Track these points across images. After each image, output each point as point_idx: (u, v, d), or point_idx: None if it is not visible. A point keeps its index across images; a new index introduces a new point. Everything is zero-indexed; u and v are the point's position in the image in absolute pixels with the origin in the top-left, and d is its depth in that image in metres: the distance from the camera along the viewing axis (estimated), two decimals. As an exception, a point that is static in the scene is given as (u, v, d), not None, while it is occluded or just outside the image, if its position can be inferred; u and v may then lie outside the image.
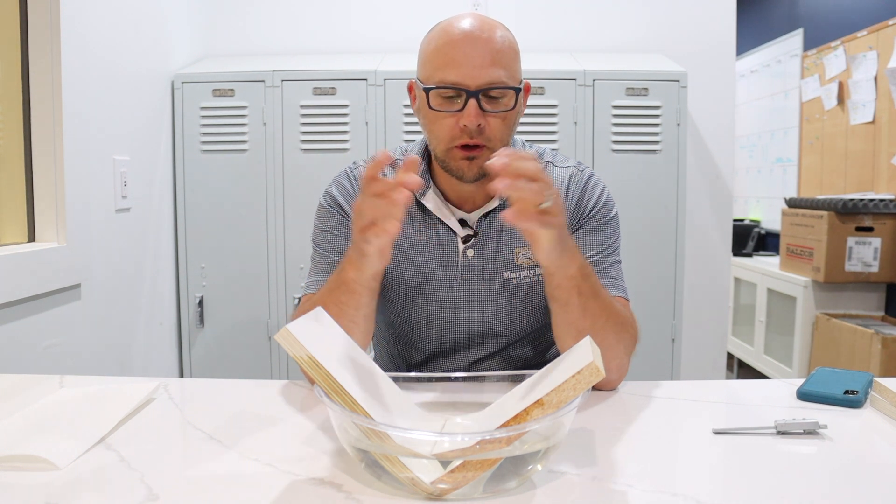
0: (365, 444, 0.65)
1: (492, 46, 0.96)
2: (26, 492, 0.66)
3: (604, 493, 0.65)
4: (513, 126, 1.01)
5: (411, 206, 1.09)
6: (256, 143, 2.12)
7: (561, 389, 0.64)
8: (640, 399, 0.95)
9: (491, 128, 0.97)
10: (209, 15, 2.39)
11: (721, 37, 2.39)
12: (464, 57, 0.95)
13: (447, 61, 0.96)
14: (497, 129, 0.98)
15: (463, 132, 0.97)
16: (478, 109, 0.96)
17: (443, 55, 0.97)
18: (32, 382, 1.01)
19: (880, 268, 2.83)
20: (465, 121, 0.96)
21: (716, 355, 2.44)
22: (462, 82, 0.95)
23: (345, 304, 0.94)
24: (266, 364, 2.17)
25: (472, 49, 0.95)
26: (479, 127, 0.96)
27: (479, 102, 0.96)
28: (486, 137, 0.97)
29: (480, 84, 0.95)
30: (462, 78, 0.95)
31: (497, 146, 0.98)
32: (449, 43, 0.97)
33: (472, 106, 0.95)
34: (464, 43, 0.96)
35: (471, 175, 1.00)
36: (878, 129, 3.04)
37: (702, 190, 2.40)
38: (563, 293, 0.92)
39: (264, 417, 0.88)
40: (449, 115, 0.98)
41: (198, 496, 0.65)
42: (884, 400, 0.87)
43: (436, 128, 1.00)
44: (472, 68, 0.95)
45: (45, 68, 1.51)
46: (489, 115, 0.97)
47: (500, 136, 0.99)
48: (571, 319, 0.94)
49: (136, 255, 1.93)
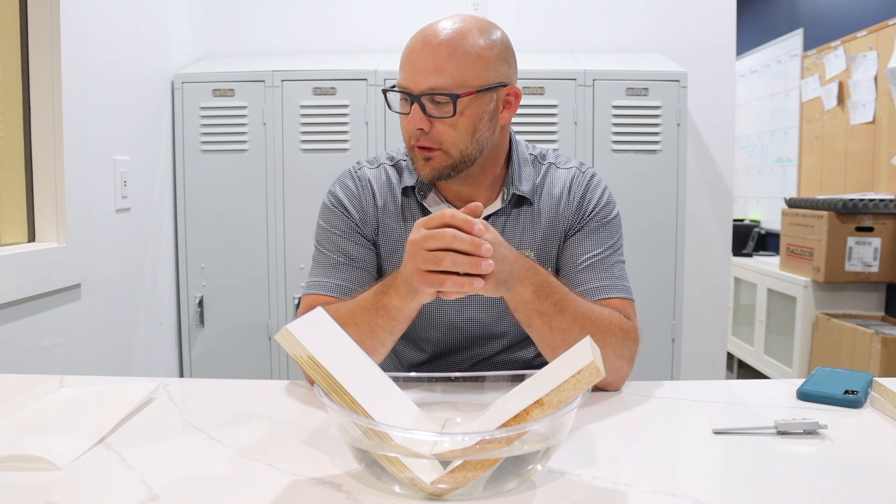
0: (365, 444, 0.65)
1: (440, 52, 0.96)
2: (26, 492, 0.66)
3: (604, 493, 0.65)
4: (470, 131, 0.99)
5: (413, 207, 1.09)
6: (256, 143, 2.12)
7: (561, 389, 0.64)
8: (640, 399, 0.95)
9: (438, 132, 0.99)
10: (209, 15, 2.39)
11: (721, 37, 2.39)
12: (413, 62, 0.98)
13: (403, 65, 1.00)
14: (445, 134, 0.99)
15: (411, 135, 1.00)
16: (420, 113, 0.98)
17: (402, 60, 1.01)
18: (32, 382, 1.01)
19: (880, 268, 2.83)
20: (409, 124, 0.99)
21: (716, 355, 2.44)
22: (407, 86, 0.99)
23: (380, 327, 0.93)
24: (266, 364, 2.17)
25: (419, 55, 0.98)
26: (420, 130, 0.98)
27: (423, 107, 0.98)
28: (435, 141, 0.99)
29: (422, 89, 0.97)
30: (407, 82, 0.98)
31: (452, 150, 1.00)
32: (408, 47, 1.00)
33: (414, 110, 0.98)
34: (417, 48, 0.98)
35: (426, 175, 1.02)
36: (878, 129, 3.04)
37: (702, 190, 2.40)
38: (522, 316, 0.94)
39: (264, 417, 0.88)
40: (405, 117, 1.01)
41: (198, 496, 0.65)
42: (884, 400, 0.87)
43: (401, 127, 1.04)
44: (416, 73, 0.97)
45: (45, 68, 1.51)
46: (435, 120, 0.98)
47: (451, 141, 0.99)
48: (540, 337, 0.95)
49: (136, 255, 1.93)
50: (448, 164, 1.00)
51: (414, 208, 1.09)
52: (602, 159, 2.10)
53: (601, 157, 2.10)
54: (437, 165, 1.00)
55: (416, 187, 1.08)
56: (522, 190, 1.07)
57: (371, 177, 1.11)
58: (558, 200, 1.09)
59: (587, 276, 1.05)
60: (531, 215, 1.08)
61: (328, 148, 2.11)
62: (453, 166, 1.01)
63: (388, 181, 1.11)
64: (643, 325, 1.08)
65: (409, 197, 1.10)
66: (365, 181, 1.11)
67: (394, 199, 1.10)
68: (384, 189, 1.10)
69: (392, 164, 1.12)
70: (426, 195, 1.08)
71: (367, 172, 1.12)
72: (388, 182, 1.11)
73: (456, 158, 1.00)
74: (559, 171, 1.12)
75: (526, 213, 1.09)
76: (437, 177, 1.01)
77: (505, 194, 1.07)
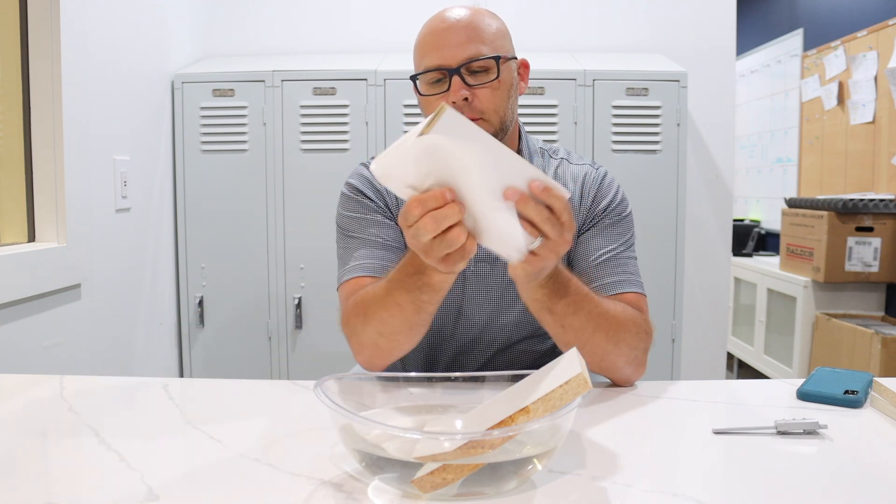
0: (365, 444, 0.65)
1: (468, 26, 1.00)
2: (26, 492, 0.66)
3: (604, 493, 0.65)
4: (506, 97, 1.02)
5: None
6: (256, 143, 2.12)
7: (548, 399, 0.63)
8: (641, 399, 0.95)
9: (480, 100, 1.00)
10: (209, 15, 2.40)
11: (721, 37, 2.39)
12: (442, 40, 1.00)
13: (428, 48, 1.01)
14: (487, 100, 1.00)
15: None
16: (462, 84, 0.99)
17: (424, 44, 1.02)
18: (32, 382, 1.01)
19: (880, 268, 2.83)
20: (452, 97, 0.99)
21: (716, 355, 2.44)
22: (443, 63, 1.00)
23: (425, 303, 0.90)
24: (266, 364, 2.17)
25: (449, 32, 1.00)
26: (466, 101, 0.99)
27: (463, 78, 0.99)
28: (477, 110, 1.00)
29: (460, 60, 0.99)
30: (442, 59, 1.00)
31: (493, 117, 1.01)
32: (429, 32, 1.02)
33: (455, 82, 0.99)
34: (442, 28, 1.01)
35: None
36: (878, 129, 3.04)
37: (702, 190, 2.40)
38: (534, 312, 0.94)
39: (264, 417, 0.88)
40: (439, 98, 1.01)
41: (198, 496, 0.65)
42: (884, 400, 0.87)
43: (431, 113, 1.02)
44: (450, 48, 0.99)
45: (45, 68, 1.51)
46: (476, 88, 1.00)
47: (492, 107, 1.01)
48: (553, 332, 0.96)
49: (136, 255, 1.93)
50: (491, 132, 1.01)
51: None
52: (602, 159, 2.10)
53: (601, 157, 2.10)
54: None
55: None
56: None
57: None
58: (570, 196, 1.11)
59: (601, 272, 1.06)
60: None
61: (328, 148, 2.11)
62: (494, 135, 1.01)
63: None
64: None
65: None
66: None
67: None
68: None
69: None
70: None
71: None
72: None
73: (496, 125, 1.02)
74: (571, 166, 1.13)
75: None
76: None
77: None
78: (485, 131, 0.70)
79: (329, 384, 0.72)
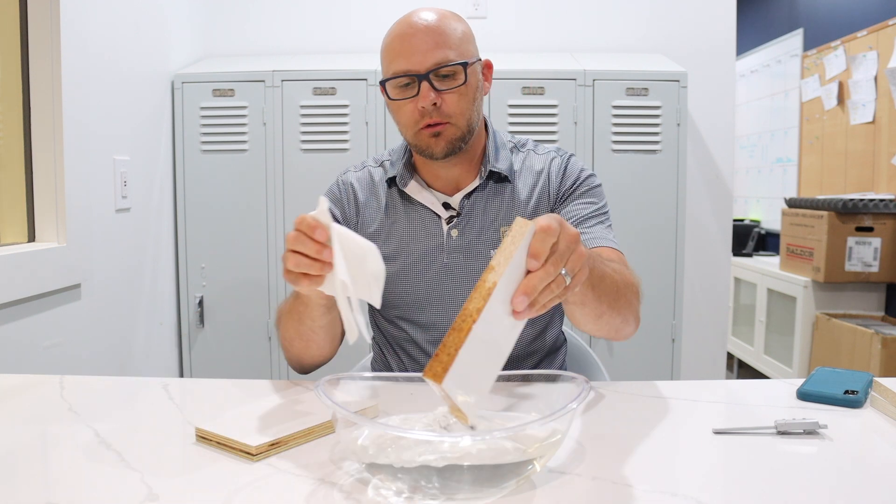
0: (365, 444, 0.65)
1: (434, 31, 1.03)
2: (26, 492, 0.66)
3: (604, 493, 0.65)
4: (472, 100, 1.06)
5: (395, 197, 1.15)
6: (256, 143, 2.12)
7: (501, 249, 0.66)
8: (640, 399, 0.95)
9: (448, 104, 1.04)
10: (209, 15, 2.40)
11: (721, 37, 2.39)
12: (410, 46, 1.03)
13: (396, 53, 1.04)
14: (454, 105, 1.04)
15: (422, 114, 1.04)
16: (430, 90, 1.02)
17: (392, 49, 1.05)
18: (32, 382, 1.01)
19: (880, 268, 2.83)
20: (421, 102, 1.02)
21: (716, 355, 2.44)
22: (411, 69, 1.03)
23: (302, 314, 0.98)
24: (266, 364, 2.17)
25: (416, 38, 1.03)
26: (434, 106, 1.03)
27: (431, 83, 1.02)
28: (445, 114, 1.04)
29: (428, 66, 1.02)
30: (411, 65, 1.02)
31: (459, 121, 1.05)
32: (396, 36, 1.05)
33: (424, 88, 1.02)
34: (409, 33, 1.03)
35: (440, 150, 1.06)
36: (878, 129, 3.04)
37: (702, 190, 2.40)
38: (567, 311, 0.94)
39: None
40: (407, 102, 1.05)
41: (198, 496, 0.65)
42: (884, 400, 0.87)
43: (400, 116, 1.07)
44: (419, 54, 1.02)
45: (45, 68, 1.51)
46: (444, 93, 1.03)
47: (459, 111, 1.05)
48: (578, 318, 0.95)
49: (136, 255, 1.93)
50: (458, 135, 1.05)
51: (396, 198, 1.15)
52: (602, 159, 2.10)
53: (601, 157, 2.10)
54: (449, 137, 1.05)
55: (397, 176, 1.13)
56: (499, 167, 1.12)
57: (353, 179, 1.19)
58: (536, 180, 1.14)
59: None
60: (511, 194, 1.13)
61: (328, 148, 2.11)
62: (462, 137, 1.06)
63: (371, 179, 1.18)
64: (642, 326, 1.08)
65: (391, 188, 1.16)
66: (347, 185, 1.18)
67: (376, 195, 1.16)
68: (366, 188, 1.17)
69: (377, 164, 1.20)
70: (407, 182, 1.13)
71: (349, 177, 1.20)
72: (371, 180, 1.18)
73: (463, 128, 1.06)
74: (538, 156, 1.17)
75: (506, 192, 1.13)
76: (451, 150, 1.06)
77: (483, 172, 1.12)
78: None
79: (329, 384, 0.72)
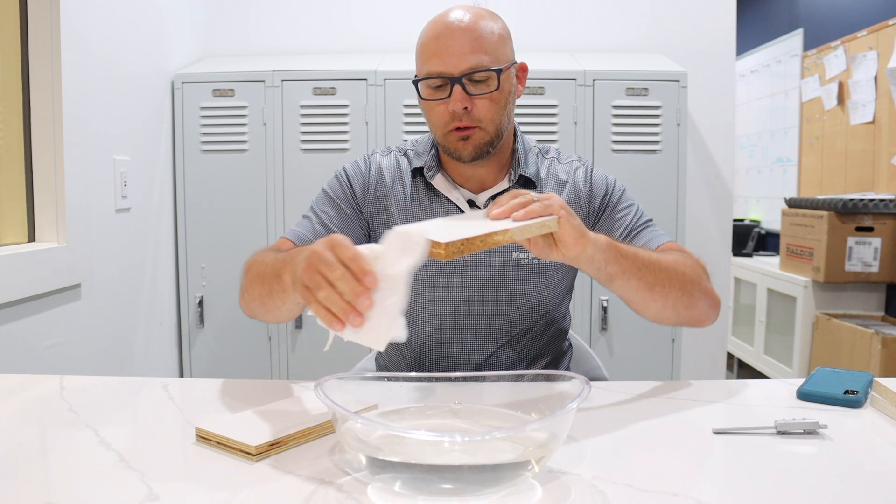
0: (365, 444, 0.65)
1: (471, 34, 1.02)
2: (26, 492, 0.66)
3: (604, 493, 0.65)
4: (504, 105, 1.06)
5: (420, 187, 1.14)
6: (256, 143, 2.12)
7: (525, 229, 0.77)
8: (641, 399, 0.95)
9: (479, 109, 1.03)
10: (209, 15, 2.39)
11: (721, 37, 2.38)
12: (445, 47, 1.02)
13: (431, 53, 1.03)
14: (485, 110, 1.04)
15: (453, 117, 1.03)
16: (463, 94, 1.02)
17: (427, 48, 1.04)
18: (32, 382, 1.01)
19: (880, 268, 2.83)
20: (453, 106, 1.02)
21: (716, 355, 2.44)
22: (445, 71, 1.02)
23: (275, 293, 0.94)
24: (266, 364, 2.17)
25: (452, 39, 1.02)
26: (465, 110, 1.02)
27: (464, 87, 1.01)
28: (475, 119, 1.03)
29: (462, 70, 1.01)
30: (445, 67, 1.02)
31: (489, 126, 1.04)
32: (432, 36, 1.04)
33: (457, 91, 1.02)
34: (445, 34, 1.02)
35: (467, 154, 1.05)
36: (878, 129, 3.04)
37: (702, 190, 2.40)
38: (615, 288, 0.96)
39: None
40: (440, 103, 1.04)
41: (198, 496, 0.65)
42: (884, 400, 0.87)
43: (431, 116, 1.07)
44: (453, 56, 1.01)
45: (45, 68, 1.51)
46: (476, 98, 1.03)
47: (489, 117, 1.04)
48: (634, 300, 0.98)
49: (136, 255, 1.93)
50: (486, 140, 1.05)
51: (421, 188, 1.14)
52: (602, 159, 2.10)
53: (601, 157, 2.10)
54: (477, 143, 1.04)
55: (425, 167, 1.12)
56: (529, 172, 1.12)
57: (382, 163, 1.17)
58: (562, 189, 1.15)
59: (632, 242, 1.09)
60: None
61: (328, 148, 2.11)
62: (490, 142, 1.06)
63: (398, 166, 1.17)
64: (642, 326, 1.08)
65: (416, 178, 1.15)
66: (375, 165, 1.17)
67: (402, 183, 1.15)
68: (394, 173, 1.16)
69: (402, 153, 1.19)
70: (434, 175, 1.12)
71: (378, 158, 1.18)
72: (398, 167, 1.17)
73: (492, 134, 1.05)
74: (561, 165, 1.18)
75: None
76: (479, 154, 1.06)
77: (512, 175, 1.12)
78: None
79: (329, 384, 0.72)
